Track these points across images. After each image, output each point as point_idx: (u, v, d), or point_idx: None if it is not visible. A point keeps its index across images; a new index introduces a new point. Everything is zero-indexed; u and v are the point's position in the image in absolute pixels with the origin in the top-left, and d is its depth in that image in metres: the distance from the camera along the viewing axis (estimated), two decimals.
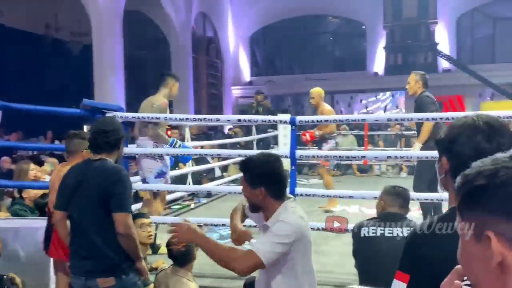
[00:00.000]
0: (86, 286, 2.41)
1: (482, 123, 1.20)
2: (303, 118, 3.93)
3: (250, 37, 17.49)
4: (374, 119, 3.95)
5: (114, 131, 2.57)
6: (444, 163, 1.24)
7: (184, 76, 13.13)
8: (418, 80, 4.59)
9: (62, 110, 4.37)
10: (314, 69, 16.58)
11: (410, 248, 1.20)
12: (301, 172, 10.00)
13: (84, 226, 2.44)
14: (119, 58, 10.49)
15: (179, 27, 13.30)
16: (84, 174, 2.50)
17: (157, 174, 4.40)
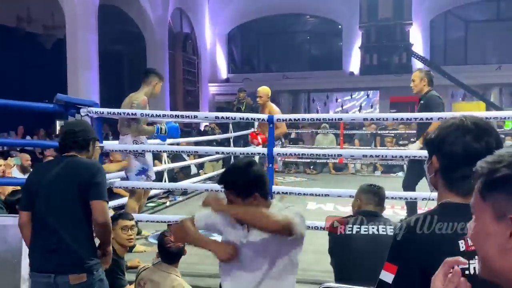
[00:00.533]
0: (54, 283, 2.29)
1: (470, 123, 1.24)
2: (280, 116, 3.93)
3: (227, 34, 17.42)
4: (351, 118, 3.96)
5: (83, 132, 2.54)
6: (434, 163, 1.28)
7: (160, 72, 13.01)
8: (423, 77, 4.51)
9: (34, 105, 4.25)
10: (291, 67, 16.64)
11: (399, 240, 1.24)
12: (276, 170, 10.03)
13: (53, 220, 2.35)
14: (93, 52, 10.29)
15: (155, 23, 13.15)
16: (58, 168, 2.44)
17: (138, 172, 4.36)
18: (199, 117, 4.17)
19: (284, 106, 16.70)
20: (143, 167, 4.34)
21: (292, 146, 10.10)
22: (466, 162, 1.21)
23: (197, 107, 15.71)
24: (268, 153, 3.77)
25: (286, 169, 9.95)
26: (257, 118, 4.17)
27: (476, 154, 1.20)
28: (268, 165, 3.82)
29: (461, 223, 1.20)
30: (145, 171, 4.35)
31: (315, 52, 17.56)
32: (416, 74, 4.58)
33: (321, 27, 17.20)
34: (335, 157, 3.58)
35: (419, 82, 4.52)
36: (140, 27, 13.34)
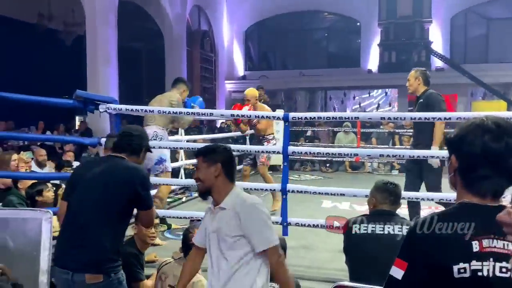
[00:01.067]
0: (72, 281, 2.29)
1: (490, 123, 1.23)
2: (296, 115, 3.93)
3: (244, 32, 17.42)
4: (368, 117, 3.93)
5: (139, 137, 2.61)
6: (453, 162, 1.28)
7: (177, 69, 13.08)
8: (418, 76, 4.36)
9: (54, 101, 4.32)
10: (308, 64, 16.56)
11: (412, 236, 1.25)
12: (292, 168, 10.02)
13: (84, 216, 2.34)
14: (112, 49, 10.40)
15: (173, 20, 13.22)
16: (103, 166, 2.47)
17: (156, 161, 4.51)
18: (214, 115, 4.19)
19: (301, 104, 16.67)
20: (161, 157, 4.50)
21: (308, 144, 10.07)
22: (485, 162, 1.20)
23: (213, 104, 15.77)
24: (283, 151, 3.76)
25: (301, 167, 9.94)
26: (271, 116, 4.18)
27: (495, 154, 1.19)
28: (283, 164, 3.82)
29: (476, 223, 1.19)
30: (163, 161, 4.51)
31: (333, 49, 17.44)
32: (411, 73, 4.42)
33: (339, 25, 17.06)
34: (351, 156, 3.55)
35: (414, 81, 4.38)
36: (159, 24, 13.43)
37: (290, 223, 3.87)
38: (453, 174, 1.28)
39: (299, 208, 5.84)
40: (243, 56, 17.51)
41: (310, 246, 4.38)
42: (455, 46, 15.42)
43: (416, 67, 4.58)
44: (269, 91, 16.12)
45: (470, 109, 13.63)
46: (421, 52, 14.56)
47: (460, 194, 1.27)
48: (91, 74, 10.04)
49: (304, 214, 5.03)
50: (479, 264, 1.16)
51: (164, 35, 13.38)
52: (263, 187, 4.24)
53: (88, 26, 10.15)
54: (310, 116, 3.77)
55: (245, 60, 17.60)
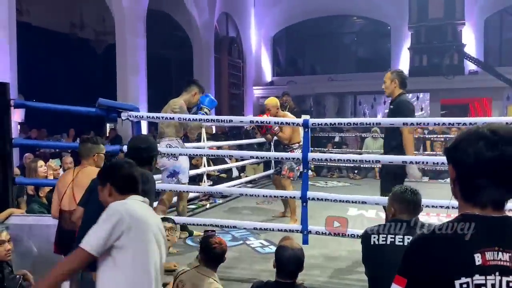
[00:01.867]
0: (81, 278, 2.45)
1: (486, 130, 1.16)
2: (316, 121, 3.86)
3: (272, 37, 17.44)
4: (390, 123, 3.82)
5: (148, 149, 2.73)
6: (450, 172, 1.21)
7: (206, 76, 13.20)
8: (393, 78, 4.12)
9: (77, 109, 4.42)
10: (337, 69, 16.43)
11: (410, 252, 1.20)
12: (319, 174, 9.93)
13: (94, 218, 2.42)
14: (141, 57, 10.60)
15: (202, 27, 13.36)
16: None
17: (169, 174, 4.45)
18: (234, 121, 4.17)
19: (330, 109, 16.51)
20: (174, 169, 4.43)
21: (335, 150, 9.95)
22: (479, 171, 1.13)
23: (241, 110, 15.82)
24: (302, 157, 3.71)
25: (329, 174, 9.82)
26: (291, 122, 4.13)
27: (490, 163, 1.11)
28: (303, 171, 3.77)
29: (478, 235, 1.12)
30: (176, 174, 4.44)
31: (362, 53, 17.24)
32: (387, 75, 4.18)
33: (369, 28, 16.86)
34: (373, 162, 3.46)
35: (390, 83, 4.13)
36: (187, 32, 13.60)
37: (310, 231, 3.81)
38: (453, 185, 1.22)
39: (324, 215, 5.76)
40: (271, 61, 17.52)
41: (332, 255, 4.30)
42: (489, 48, 14.96)
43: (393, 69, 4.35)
44: (297, 96, 16.12)
45: (506, 113, 13.18)
46: (454, 55, 14.20)
47: (461, 206, 1.21)
48: (121, 82, 10.25)
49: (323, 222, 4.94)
50: (482, 278, 1.09)
51: (193, 42, 13.54)
52: (282, 195, 4.18)
53: (118, 34, 10.38)
54: (330, 122, 3.69)
55: (272, 65, 17.60)
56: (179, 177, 4.46)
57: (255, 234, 4.98)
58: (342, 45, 17.26)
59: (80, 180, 3.21)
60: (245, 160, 7.63)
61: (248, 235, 5.02)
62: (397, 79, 4.11)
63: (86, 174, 3.18)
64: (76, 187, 3.22)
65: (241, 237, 4.97)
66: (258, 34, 16.92)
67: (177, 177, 4.45)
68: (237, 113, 14.93)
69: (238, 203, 6.72)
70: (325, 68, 16.97)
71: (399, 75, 4.14)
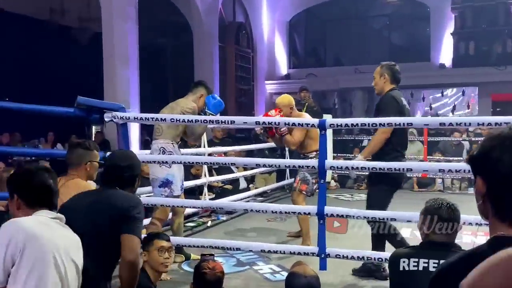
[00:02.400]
0: None
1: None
2: (335, 121, 3.84)
3: (288, 22, 17.42)
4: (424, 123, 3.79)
5: (130, 168, 2.73)
6: (479, 186, 1.19)
7: (208, 69, 13.24)
8: (383, 73, 4.12)
9: (52, 110, 4.45)
10: (366, 59, 16.31)
11: (434, 282, 1.21)
12: (344, 185, 9.87)
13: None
14: (133, 46, 10.65)
15: (203, 11, 13.41)
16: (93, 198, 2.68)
17: (161, 183, 4.47)
18: (236, 122, 4.16)
19: (357, 106, 16.44)
20: (167, 178, 4.45)
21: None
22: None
23: (251, 108, 15.81)
24: (319, 165, 3.69)
25: (355, 185, 9.76)
26: (305, 123, 4.11)
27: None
28: (319, 181, 3.75)
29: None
30: (169, 183, 4.45)
31: (396, 40, 17.15)
32: (376, 69, 4.18)
33: (404, 11, 16.79)
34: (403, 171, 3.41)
35: (379, 79, 4.14)
36: (186, 17, 13.65)
37: (329, 254, 3.79)
38: (481, 201, 1.19)
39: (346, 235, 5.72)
40: (287, 51, 17.48)
41: (355, 283, 4.26)
42: None
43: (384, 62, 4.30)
44: (318, 92, 16.10)
45: None
46: (506, 41, 14.06)
47: (493, 226, 1.18)
48: (108, 77, 10.32)
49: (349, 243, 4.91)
50: None
51: (193, 29, 13.59)
52: (294, 210, 4.17)
53: (104, 20, 10.45)
54: (350, 122, 3.66)
55: (289, 56, 17.56)
56: (172, 188, 4.48)
57: (265, 257, 4.97)
58: (371, 31, 17.20)
59: (64, 196, 3.11)
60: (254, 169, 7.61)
61: (256, 259, 5.01)
62: (386, 73, 4.14)
63: (72, 188, 3.14)
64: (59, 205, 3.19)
65: (248, 262, 4.96)
66: (271, 19, 16.92)
67: (170, 187, 4.47)
68: (246, 112, 14.92)
69: (246, 220, 6.72)
70: (351, 58, 16.88)
71: (389, 68, 4.16)
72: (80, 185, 3.14)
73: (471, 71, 13.99)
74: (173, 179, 4.50)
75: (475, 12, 14.58)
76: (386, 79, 4.12)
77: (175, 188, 4.54)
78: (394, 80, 4.13)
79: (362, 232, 5.78)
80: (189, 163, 4.83)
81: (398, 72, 4.17)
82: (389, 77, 4.12)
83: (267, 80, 16.76)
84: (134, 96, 10.64)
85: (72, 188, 3.09)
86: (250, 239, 5.61)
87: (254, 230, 6.29)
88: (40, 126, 10.13)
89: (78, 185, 3.12)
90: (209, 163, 6.52)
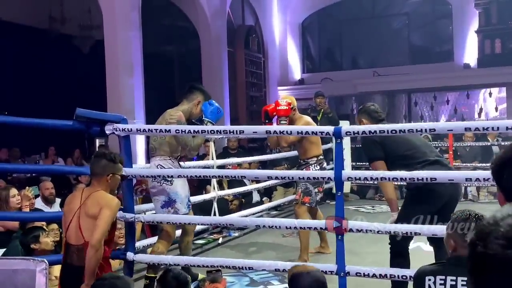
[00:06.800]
0: None
1: None
2: (351, 129, 3.78)
3: (301, 24, 17.43)
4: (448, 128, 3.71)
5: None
6: (501, 201, 1.15)
7: (217, 75, 13.25)
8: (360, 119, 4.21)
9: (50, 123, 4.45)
10: (385, 61, 16.30)
11: None
12: (364, 195, 9.80)
13: None
14: (136, 54, 10.68)
15: (211, 15, 13.45)
16: None
17: (163, 203, 4.40)
18: (246, 132, 4.11)
19: None
20: (169, 197, 4.38)
21: None
22: None
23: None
24: (335, 177, 3.63)
25: (377, 195, 9.67)
26: (319, 131, 4.06)
27: None
28: (336, 193, 3.69)
29: None
30: (172, 202, 4.39)
31: (417, 40, 17.07)
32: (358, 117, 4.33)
33: (424, 9, 16.73)
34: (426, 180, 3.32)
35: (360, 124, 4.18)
36: (193, 22, 13.70)
37: (349, 272, 3.72)
38: None
39: (370, 250, 5.64)
40: (300, 55, 17.47)
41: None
42: None
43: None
44: (334, 97, 16.07)
45: None
46: None
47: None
48: (111, 86, 10.35)
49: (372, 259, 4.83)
50: None
51: (200, 34, 13.62)
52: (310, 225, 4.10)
53: (107, 28, 10.51)
54: (368, 130, 3.59)
55: (302, 60, 17.55)
56: (176, 207, 4.39)
57: (280, 276, 4.91)
58: (390, 31, 17.13)
59: (88, 208, 3.28)
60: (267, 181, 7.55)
61: (271, 277, 4.96)
62: (364, 118, 4.17)
63: (96, 201, 3.28)
64: (83, 218, 3.28)
65: (262, 281, 4.93)
66: (282, 21, 16.94)
67: (174, 206, 4.38)
68: (258, 120, 14.87)
69: (259, 236, 6.67)
70: (370, 60, 16.84)
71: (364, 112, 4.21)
72: (105, 198, 3.29)
73: (498, 71, 13.85)
74: (176, 197, 4.40)
75: (500, 8, 14.46)
76: (366, 123, 4.12)
77: (180, 206, 4.42)
78: (373, 120, 4.12)
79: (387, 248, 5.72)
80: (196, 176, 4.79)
81: (374, 111, 4.18)
82: (367, 121, 4.12)
83: (280, 86, 16.73)
84: (139, 106, 10.66)
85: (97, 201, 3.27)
86: (264, 256, 5.56)
87: (269, 246, 6.24)
88: (40, 140, 10.19)
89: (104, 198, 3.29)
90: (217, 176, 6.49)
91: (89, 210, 3.25)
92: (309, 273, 2.59)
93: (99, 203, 3.23)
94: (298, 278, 2.57)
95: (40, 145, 10.90)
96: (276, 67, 16.64)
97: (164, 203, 4.39)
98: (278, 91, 16.70)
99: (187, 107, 4.59)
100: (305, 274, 2.58)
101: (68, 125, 4.27)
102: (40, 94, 11.78)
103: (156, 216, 4.46)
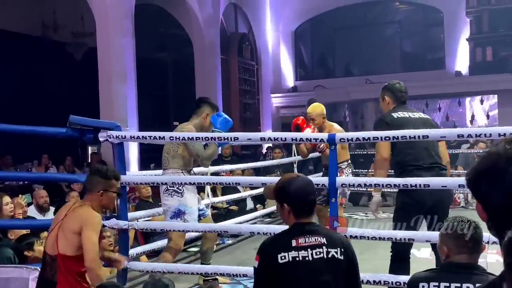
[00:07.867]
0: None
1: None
2: (345, 136, 3.80)
3: (294, 32, 17.51)
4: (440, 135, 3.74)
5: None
6: (480, 213, 1.13)
7: (211, 83, 13.27)
8: (384, 95, 4.09)
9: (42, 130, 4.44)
10: (377, 69, 16.36)
11: None
12: (357, 203, 9.79)
13: None
14: (130, 62, 10.70)
15: (204, 23, 13.48)
16: None
17: (173, 214, 4.40)
18: (240, 139, 4.12)
19: (369, 119, 16.40)
20: (179, 208, 4.38)
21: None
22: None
23: (257, 123, 15.81)
24: (329, 183, 3.64)
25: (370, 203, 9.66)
26: (314, 138, 4.07)
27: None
28: (331, 200, 3.70)
29: None
30: (181, 213, 4.39)
31: (409, 48, 17.19)
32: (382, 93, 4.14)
33: (416, 16, 16.87)
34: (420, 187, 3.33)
35: (382, 102, 4.10)
36: (186, 29, 13.73)
37: None
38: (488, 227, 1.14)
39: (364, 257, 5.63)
40: (293, 62, 17.56)
41: None
42: None
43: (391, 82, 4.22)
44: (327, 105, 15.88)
45: None
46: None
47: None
48: (104, 93, 10.35)
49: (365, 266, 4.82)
50: None
51: (193, 41, 13.66)
52: None
53: (100, 35, 10.52)
54: (362, 136, 3.61)
55: (295, 67, 17.63)
56: (185, 218, 4.39)
57: None
58: (382, 39, 17.23)
59: (68, 222, 3.21)
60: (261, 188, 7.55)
61: None
62: (387, 94, 4.09)
63: (76, 216, 3.19)
64: (61, 230, 3.22)
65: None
66: (276, 29, 17.01)
67: (182, 217, 4.38)
68: (252, 127, 14.93)
69: (254, 243, 6.59)
70: (362, 68, 16.93)
71: (389, 89, 4.10)
72: (87, 214, 3.17)
73: (489, 79, 13.94)
74: (185, 209, 4.41)
75: (491, 16, 14.58)
76: (390, 99, 4.06)
77: (190, 218, 4.43)
78: (397, 100, 4.05)
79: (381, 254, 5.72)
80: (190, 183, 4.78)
81: (400, 90, 4.08)
82: (391, 98, 4.06)
83: (273, 93, 16.79)
84: (132, 113, 10.65)
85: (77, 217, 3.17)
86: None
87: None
88: (33, 148, 10.14)
89: (86, 214, 3.17)
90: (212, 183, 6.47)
91: (68, 224, 3.18)
92: (300, 176, 2.63)
93: (78, 220, 3.14)
94: (291, 182, 2.57)
95: (33, 152, 10.85)
96: (269, 74, 16.69)
97: (173, 213, 4.40)
98: (271, 98, 16.74)
99: (197, 121, 4.65)
100: (296, 178, 2.59)
101: (61, 132, 4.26)
102: (33, 101, 11.73)
103: (149, 224, 4.45)
